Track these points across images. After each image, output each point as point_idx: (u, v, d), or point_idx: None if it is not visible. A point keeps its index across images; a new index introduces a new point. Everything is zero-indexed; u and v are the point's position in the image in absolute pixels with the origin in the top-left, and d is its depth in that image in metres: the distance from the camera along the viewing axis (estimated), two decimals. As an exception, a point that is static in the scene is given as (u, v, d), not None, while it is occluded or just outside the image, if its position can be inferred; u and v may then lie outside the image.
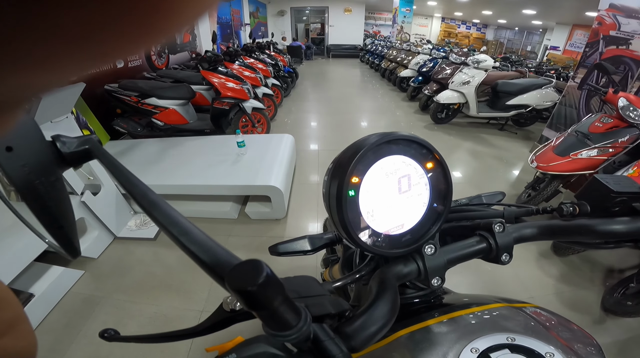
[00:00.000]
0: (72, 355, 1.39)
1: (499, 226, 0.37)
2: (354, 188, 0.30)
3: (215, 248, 0.26)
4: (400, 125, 4.32)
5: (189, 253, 0.26)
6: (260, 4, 10.71)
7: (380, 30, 14.34)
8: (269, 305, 0.20)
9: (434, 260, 0.34)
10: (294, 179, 2.63)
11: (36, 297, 1.55)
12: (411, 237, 0.34)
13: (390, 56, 7.02)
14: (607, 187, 0.39)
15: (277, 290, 0.20)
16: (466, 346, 0.32)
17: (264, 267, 0.20)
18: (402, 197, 0.33)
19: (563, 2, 7.60)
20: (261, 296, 0.19)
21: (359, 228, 0.31)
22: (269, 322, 0.22)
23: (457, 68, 4.06)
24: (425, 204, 0.34)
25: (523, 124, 4.18)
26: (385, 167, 0.31)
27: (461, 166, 3.21)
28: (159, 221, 0.27)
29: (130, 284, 1.75)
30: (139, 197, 0.28)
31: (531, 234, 0.40)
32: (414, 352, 0.34)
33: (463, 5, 11.40)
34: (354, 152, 0.29)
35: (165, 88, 2.87)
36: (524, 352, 0.31)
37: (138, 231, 2.10)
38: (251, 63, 4.28)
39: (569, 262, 1.87)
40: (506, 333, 0.33)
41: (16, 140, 0.23)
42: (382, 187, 0.32)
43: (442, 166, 0.33)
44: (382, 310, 0.29)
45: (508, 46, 15.20)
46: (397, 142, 0.31)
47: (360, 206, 0.31)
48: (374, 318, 0.28)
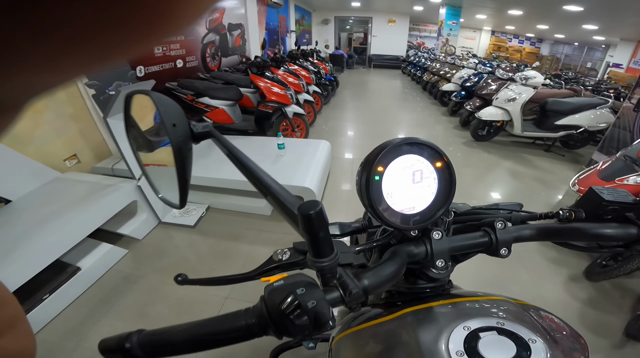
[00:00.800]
0: (100, 330, 1.51)
1: (500, 223, 0.43)
2: (378, 175, 0.39)
3: (286, 195, 0.40)
4: (437, 139, 4.24)
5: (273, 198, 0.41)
6: (306, 12, 11.07)
7: (425, 42, 14.12)
8: (318, 230, 0.30)
9: (440, 244, 0.42)
10: (327, 184, 2.73)
11: (82, 270, 1.71)
12: (420, 218, 0.42)
13: (433, 69, 6.93)
14: (599, 196, 0.44)
15: (323, 223, 0.30)
16: (460, 324, 0.38)
17: (321, 204, 0.30)
18: (415, 186, 0.41)
19: (628, 17, 7.01)
20: (315, 221, 0.30)
21: (380, 204, 0.40)
22: (313, 247, 0.32)
23: (503, 84, 3.93)
24: (433, 194, 0.42)
25: (572, 146, 3.92)
26: (404, 162, 0.40)
27: (498, 186, 3.11)
28: (254, 181, 0.42)
29: (165, 266, 1.90)
30: (240, 166, 0.43)
31: (529, 235, 0.45)
32: (416, 324, 0.41)
33: (515, 19, 10.89)
34: (381, 148, 0.39)
35: (217, 89, 3.11)
36: (509, 335, 0.36)
37: (180, 218, 2.30)
38: (295, 69, 4.46)
39: (600, 287, 1.80)
40: (497, 319, 0.39)
41: (176, 120, 0.38)
42: (400, 176, 0.40)
43: (448, 166, 0.41)
44: (390, 269, 0.38)
45: (565, 62, 14.16)
46: (414, 144, 0.40)
47: (382, 188, 0.39)
48: (383, 273, 0.37)
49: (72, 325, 1.53)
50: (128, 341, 0.31)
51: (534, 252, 2.07)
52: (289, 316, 0.29)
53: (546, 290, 1.79)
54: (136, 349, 0.31)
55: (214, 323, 0.32)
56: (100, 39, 0.08)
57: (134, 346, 0.31)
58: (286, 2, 8.18)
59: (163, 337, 0.32)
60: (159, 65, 3.22)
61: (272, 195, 0.41)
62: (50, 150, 2.17)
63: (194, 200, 2.45)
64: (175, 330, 0.32)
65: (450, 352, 0.35)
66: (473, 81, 4.88)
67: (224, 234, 2.20)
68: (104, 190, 1.92)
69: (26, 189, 1.92)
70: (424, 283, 0.50)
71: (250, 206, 2.37)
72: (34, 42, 0.07)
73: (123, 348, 0.31)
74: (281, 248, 0.41)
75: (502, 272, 1.92)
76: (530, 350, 0.35)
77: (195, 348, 0.32)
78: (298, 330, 0.30)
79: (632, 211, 0.44)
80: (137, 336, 0.31)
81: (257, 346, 1.42)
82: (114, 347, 0.31)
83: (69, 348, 1.42)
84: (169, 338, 0.31)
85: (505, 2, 8.26)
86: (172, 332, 0.32)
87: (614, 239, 0.43)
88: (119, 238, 2.08)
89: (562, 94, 4.09)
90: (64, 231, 1.62)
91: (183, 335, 0.32)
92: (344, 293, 0.33)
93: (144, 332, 0.32)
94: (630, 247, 0.45)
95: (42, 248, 1.51)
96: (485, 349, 0.35)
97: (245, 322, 0.31)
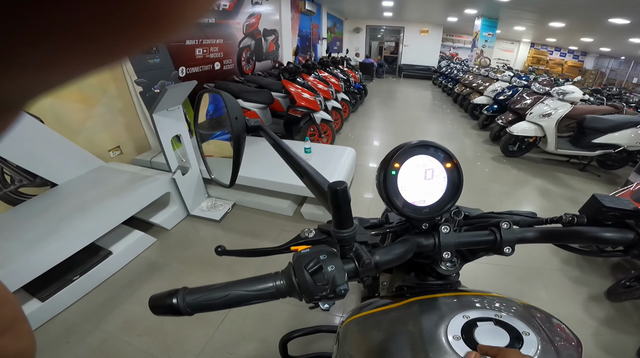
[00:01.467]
0: (120, 313, 1.59)
1: (506, 224, 0.46)
2: (395, 170, 0.45)
3: (319, 177, 0.50)
4: (465, 153, 4.16)
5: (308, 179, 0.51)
6: (338, 20, 11.23)
7: (458, 52, 13.82)
8: (342, 204, 0.36)
9: (448, 238, 0.46)
10: (349, 190, 2.77)
11: (113, 254, 1.82)
12: (429, 211, 0.46)
13: (466, 81, 6.79)
14: (600, 203, 0.47)
15: (347, 199, 0.36)
16: (460, 313, 0.42)
17: (346, 184, 0.36)
18: (427, 183, 0.46)
19: None
20: (341, 195, 0.36)
21: (395, 196, 0.45)
22: (337, 219, 0.38)
23: (538, 98, 3.80)
24: (442, 190, 0.47)
25: (610, 167, 3.70)
26: (417, 161, 0.45)
27: (525, 203, 3.00)
28: (293, 165, 0.53)
29: (189, 257, 2.00)
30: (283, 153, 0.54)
31: (533, 236, 0.48)
32: (420, 312, 0.46)
33: (557, 31, 10.42)
34: (398, 148, 0.45)
35: (251, 92, 3.27)
36: (505, 327, 0.40)
37: (208, 212, 2.42)
38: (325, 76, 4.56)
39: (620, 308, 1.74)
40: (495, 311, 0.43)
41: (237, 114, 0.49)
42: (413, 173, 0.46)
43: (457, 168, 0.46)
44: (399, 250, 0.44)
45: (610, 77, 13.29)
46: (428, 146, 0.45)
47: (397, 182, 0.45)
48: (392, 251, 0.43)
49: (94, 308, 1.63)
50: (175, 297, 0.34)
51: (555, 271, 2.01)
52: (311, 276, 0.36)
53: (564, 308, 1.75)
54: (182, 305, 0.34)
55: (248, 283, 0.36)
56: (101, 40, 0.08)
57: (180, 302, 0.34)
58: (319, 10, 8.36)
59: (204, 294, 0.35)
60: (199, 67, 3.43)
61: (307, 176, 0.50)
62: (98, 140, 2.38)
63: (221, 196, 2.58)
64: (215, 288, 0.36)
65: (448, 336, 0.39)
66: (507, 94, 4.74)
67: (247, 231, 2.30)
68: (142, 180, 2.07)
69: (72, 175, 2.10)
70: (433, 280, 0.55)
71: (274, 206, 2.46)
72: (35, 43, 0.07)
73: (171, 304, 0.34)
74: (308, 228, 0.48)
75: (521, 287, 1.88)
76: (522, 341, 0.38)
77: (231, 305, 0.36)
78: (318, 290, 0.36)
79: (632, 218, 0.46)
80: (182, 293, 0.35)
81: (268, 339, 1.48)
82: (163, 304, 0.35)
83: (86, 329, 1.51)
84: (209, 295, 0.35)
85: (546, 14, 7.94)
86: (211, 289, 0.36)
87: (612, 243, 0.45)
88: (149, 227, 2.22)
89: (602, 110, 3.87)
90: (102, 216, 1.74)
91: (221, 293, 0.36)
92: (358, 264, 0.39)
93: (188, 289, 0.36)
94: (628, 251, 0.47)
95: (79, 231, 1.62)
96: (481, 336, 0.38)
97: (274, 283, 0.37)
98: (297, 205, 2.52)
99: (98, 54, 0.08)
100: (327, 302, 0.37)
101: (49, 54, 0.08)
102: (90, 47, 0.08)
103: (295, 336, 0.80)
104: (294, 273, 0.37)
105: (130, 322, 1.55)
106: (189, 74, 3.24)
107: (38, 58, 0.07)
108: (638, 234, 0.45)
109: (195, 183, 2.39)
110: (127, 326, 1.53)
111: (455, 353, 0.37)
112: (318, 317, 1.57)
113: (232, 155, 0.60)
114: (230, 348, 1.44)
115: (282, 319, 1.58)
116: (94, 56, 0.08)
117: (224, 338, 1.48)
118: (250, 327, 1.54)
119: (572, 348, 0.41)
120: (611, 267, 2.06)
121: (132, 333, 1.49)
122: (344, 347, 0.50)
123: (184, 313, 0.35)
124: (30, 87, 0.09)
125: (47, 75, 0.08)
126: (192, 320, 1.54)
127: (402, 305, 0.49)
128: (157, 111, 1.92)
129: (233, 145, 0.58)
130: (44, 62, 0.08)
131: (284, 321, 1.57)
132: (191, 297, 0.35)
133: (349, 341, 0.51)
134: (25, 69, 0.08)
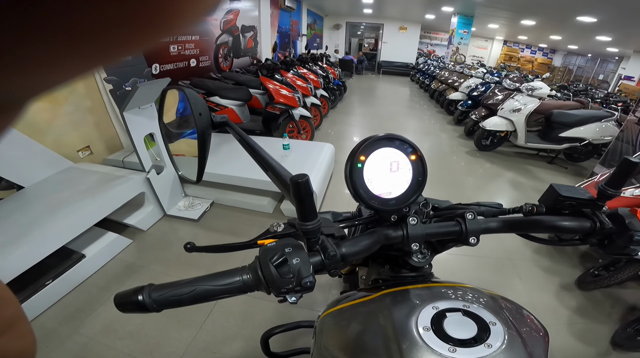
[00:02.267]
0: (98, 316, 1.55)
1: (470, 215, 0.48)
2: (361, 163, 0.45)
3: (282, 170, 0.52)
4: (441, 147, 4.30)
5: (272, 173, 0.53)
6: (318, 16, 11.20)
7: (435, 49, 14.12)
8: (304, 196, 0.37)
9: (415, 229, 0.47)
10: (328, 186, 2.78)
11: (87, 257, 1.76)
12: (396, 202, 0.47)
13: (442, 77, 6.95)
14: (557, 192, 0.48)
15: (309, 191, 0.37)
16: (430, 304, 0.44)
17: (307, 176, 0.36)
18: (392, 175, 0.47)
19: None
20: (302, 188, 0.36)
21: (362, 188, 0.46)
22: (300, 211, 0.39)
23: (509, 94, 3.95)
24: (407, 182, 0.48)
25: (576, 159, 3.93)
26: (383, 154, 0.46)
27: (498, 196, 3.13)
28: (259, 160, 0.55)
29: (168, 258, 1.97)
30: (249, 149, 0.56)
31: (496, 226, 0.49)
32: (392, 303, 0.47)
33: (528, 29, 10.83)
34: (364, 141, 0.45)
35: (228, 89, 3.22)
36: (473, 317, 0.41)
37: (185, 211, 2.38)
38: (304, 73, 4.54)
39: (591, 297, 1.83)
40: (464, 302, 0.44)
41: (202, 110, 0.50)
42: (379, 166, 0.46)
43: (422, 160, 0.47)
44: (366, 241, 0.45)
45: (578, 74, 13.96)
46: (393, 139, 0.46)
47: (364, 175, 0.46)
48: (359, 243, 0.44)
49: (71, 311, 1.58)
50: (140, 294, 0.34)
51: (528, 261, 2.11)
52: (277, 269, 0.36)
53: (538, 298, 1.82)
54: (148, 301, 0.34)
55: (215, 278, 0.37)
56: (103, 39, 0.08)
57: (146, 298, 0.34)
58: (299, 7, 8.30)
59: (171, 290, 0.35)
60: (174, 64, 3.34)
61: (271, 170, 0.51)
62: (66, 140, 2.28)
63: (199, 194, 2.53)
64: (181, 284, 0.36)
65: (418, 327, 0.40)
66: (480, 91, 4.90)
67: (226, 229, 2.27)
68: (114, 181, 2.00)
69: (40, 177, 2.00)
70: (407, 273, 0.56)
71: (253, 203, 2.45)
72: (36, 43, 0.07)
73: (137, 301, 0.34)
74: (277, 222, 0.48)
75: (498, 278, 1.96)
76: (489, 331, 0.39)
77: (199, 300, 0.36)
78: (284, 283, 0.36)
79: (588, 207, 0.48)
80: (148, 289, 0.35)
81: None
82: (128, 300, 0.35)
83: (64, 333, 1.46)
84: (176, 290, 0.35)
85: (519, 12, 8.24)
86: (178, 285, 0.36)
87: (570, 231, 0.47)
88: (124, 229, 2.15)
89: (568, 105, 4.08)
90: (72, 219, 1.67)
91: (188, 288, 0.36)
92: (324, 256, 0.40)
93: (154, 285, 0.36)
94: (585, 240, 0.48)
95: (49, 235, 1.56)
96: (450, 327, 0.40)
97: (241, 277, 0.37)
98: (277, 202, 2.52)
99: (98, 53, 0.08)
100: (294, 295, 0.38)
101: (49, 54, 0.08)
102: (91, 46, 0.08)
103: (276, 332, 0.80)
104: (260, 267, 0.37)
105: (110, 325, 1.51)
106: (163, 71, 3.15)
107: (38, 58, 0.08)
108: (594, 223, 0.46)
109: (171, 182, 2.34)
110: (107, 329, 1.49)
111: (425, 344, 0.38)
112: (302, 314, 1.58)
113: (198, 151, 0.61)
114: (215, 347, 1.43)
115: (265, 317, 1.59)
116: (94, 55, 0.08)
117: (208, 338, 1.47)
118: (233, 325, 1.54)
119: (539, 337, 0.43)
120: (580, 256, 2.17)
121: (113, 336, 1.46)
122: (321, 340, 0.51)
123: (151, 309, 0.35)
124: (30, 87, 0.09)
125: (47, 74, 0.08)
126: (174, 321, 1.52)
127: (376, 298, 0.50)
128: (129, 109, 1.86)
129: (198, 141, 0.58)
130: (44, 62, 0.08)
131: (267, 319, 1.58)
132: (157, 293, 0.35)
133: (325, 334, 0.51)
134: (25, 69, 0.08)
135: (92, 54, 0.08)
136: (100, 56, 0.09)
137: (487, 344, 0.37)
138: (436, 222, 0.50)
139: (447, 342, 0.38)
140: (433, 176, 3.58)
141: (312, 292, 0.38)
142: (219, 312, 1.59)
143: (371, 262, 0.68)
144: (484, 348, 0.36)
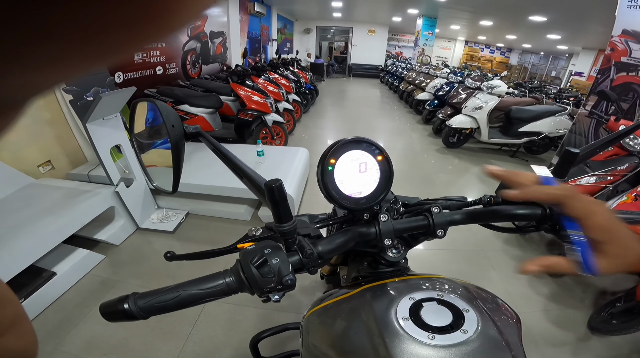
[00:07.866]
0: (79, 332, 1.51)
1: (436, 209, 0.51)
2: (331, 166, 0.48)
3: (256, 176, 0.53)
4: (412, 146, 4.45)
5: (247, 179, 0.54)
6: (288, 21, 11.23)
7: (403, 51, 14.55)
8: (279, 200, 0.40)
9: (386, 225, 0.50)
10: (305, 190, 2.80)
11: (58, 275, 1.70)
12: (366, 201, 0.50)
13: (409, 78, 7.18)
14: None
15: (282, 194, 0.39)
16: (406, 295, 0.47)
17: (281, 181, 0.39)
18: (361, 175, 0.50)
19: (589, 26, 7.50)
20: (276, 192, 0.39)
21: (334, 190, 0.48)
22: (276, 214, 0.41)
23: (471, 93, 4.15)
24: (376, 181, 0.50)
25: (535, 152, 4.21)
26: (352, 156, 0.49)
27: (467, 190, 3.30)
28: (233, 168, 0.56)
29: (145, 271, 1.92)
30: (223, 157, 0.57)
31: (460, 218, 0.52)
32: (372, 297, 0.50)
33: (487, 30, 11.48)
34: (333, 145, 0.48)
35: (197, 96, 3.15)
36: (447, 305, 0.45)
37: (159, 224, 2.31)
38: (275, 78, 4.54)
39: (562, 283, 1.92)
40: (438, 292, 0.48)
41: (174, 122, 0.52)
42: (348, 167, 0.49)
43: (387, 160, 0.50)
44: (341, 239, 0.47)
45: (532, 71, 14.92)
46: (360, 142, 0.49)
47: (335, 177, 0.48)
48: (334, 241, 0.47)
49: (49, 329, 1.52)
50: (126, 302, 0.35)
51: (499, 251, 2.23)
52: (258, 270, 0.38)
53: (512, 287, 1.90)
54: (134, 309, 0.35)
55: (199, 283, 0.38)
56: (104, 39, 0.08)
57: (132, 306, 0.35)
58: (269, 11, 8.28)
59: (156, 296, 0.36)
60: (138, 72, 3.24)
61: (246, 177, 0.53)
62: (25, 155, 2.15)
63: (173, 206, 2.47)
64: (165, 290, 0.37)
65: (398, 317, 0.43)
66: (445, 90, 5.09)
67: (203, 239, 2.23)
68: (80, 196, 1.92)
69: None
70: (384, 268, 0.60)
71: (230, 212, 2.42)
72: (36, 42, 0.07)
73: (123, 309, 0.35)
74: (255, 227, 0.50)
75: (473, 270, 2.05)
76: (464, 318, 0.42)
77: (184, 304, 0.37)
78: (266, 282, 0.38)
79: None
80: (133, 298, 0.36)
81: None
82: (115, 310, 0.35)
83: (46, 352, 1.41)
84: (161, 297, 0.36)
85: (477, 12, 8.71)
86: (162, 292, 0.37)
87: (524, 218, 0.50)
88: (95, 244, 2.07)
89: (524, 102, 4.37)
90: (37, 237, 1.60)
91: (172, 294, 0.37)
92: (301, 255, 0.42)
93: (139, 293, 0.36)
94: (540, 226, 0.51)
95: (14, 254, 1.49)
96: (427, 315, 0.43)
97: (224, 280, 0.39)
98: (255, 209, 2.50)
99: (98, 52, 0.08)
100: (277, 294, 0.40)
101: (49, 53, 0.08)
102: (94, 46, 0.08)
103: (264, 336, 0.81)
104: (242, 269, 0.39)
105: (91, 341, 1.46)
106: (127, 80, 3.04)
107: (39, 57, 0.08)
108: (545, 209, 0.49)
109: (142, 194, 2.26)
110: (89, 346, 1.44)
111: (406, 333, 0.40)
112: (289, 318, 1.58)
113: (172, 162, 0.62)
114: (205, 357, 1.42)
115: (252, 323, 1.58)
116: (94, 55, 0.08)
117: (196, 349, 1.45)
118: (221, 334, 1.52)
119: (512, 323, 0.47)
120: (547, 243, 2.30)
121: (97, 352, 1.41)
122: (308, 339, 0.53)
123: (139, 317, 0.35)
124: (31, 86, 0.09)
125: (47, 74, 0.08)
126: (159, 334, 1.49)
127: (357, 293, 0.52)
128: (92, 121, 1.79)
129: (172, 152, 0.59)
130: (44, 61, 0.08)
131: (254, 325, 1.57)
132: (143, 300, 0.36)
133: (311, 333, 0.53)
134: (26, 68, 0.08)
135: (94, 53, 0.08)
136: (102, 55, 0.09)
137: (462, 330, 0.40)
138: (406, 218, 0.53)
139: (426, 330, 0.40)
140: (406, 174, 3.64)
141: (298, 296, 0.40)
142: (204, 322, 1.57)
143: (350, 261, 0.71)
144: (460, 334, 0.39)
